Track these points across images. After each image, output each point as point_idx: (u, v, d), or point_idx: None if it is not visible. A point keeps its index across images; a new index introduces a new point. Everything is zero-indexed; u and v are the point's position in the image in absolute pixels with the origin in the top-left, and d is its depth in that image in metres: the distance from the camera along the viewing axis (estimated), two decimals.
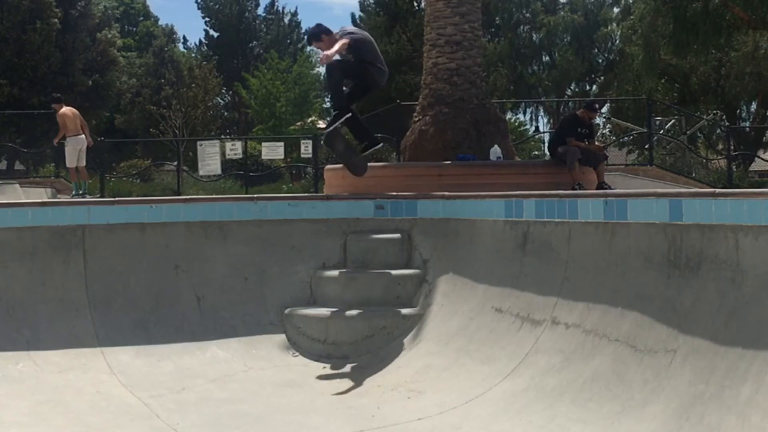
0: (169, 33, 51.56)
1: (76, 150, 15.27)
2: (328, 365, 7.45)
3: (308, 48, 51.48)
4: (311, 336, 7.77)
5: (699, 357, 5.04)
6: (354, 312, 7.78)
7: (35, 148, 27.06)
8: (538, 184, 9.04)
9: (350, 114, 8.07)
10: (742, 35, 26.81)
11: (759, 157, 25.13)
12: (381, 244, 8.40)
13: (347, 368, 7.33)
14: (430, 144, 10.87)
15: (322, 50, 7.85)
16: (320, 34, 7.89)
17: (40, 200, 10.67)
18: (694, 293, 5.36)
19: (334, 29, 8.36)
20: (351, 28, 8.49)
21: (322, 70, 51.97)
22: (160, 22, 55.63)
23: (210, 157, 20.14)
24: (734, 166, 20.98)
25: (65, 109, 15.29)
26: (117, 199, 9.50)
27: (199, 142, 20.98)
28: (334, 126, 8.14)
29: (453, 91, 11.03)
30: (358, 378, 7.04)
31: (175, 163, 24.67)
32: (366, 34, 8.29)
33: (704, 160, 25.33)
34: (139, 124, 39.59)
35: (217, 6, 53.71)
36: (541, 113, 44.29)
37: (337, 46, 7.81)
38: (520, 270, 7.10)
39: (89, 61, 32.40)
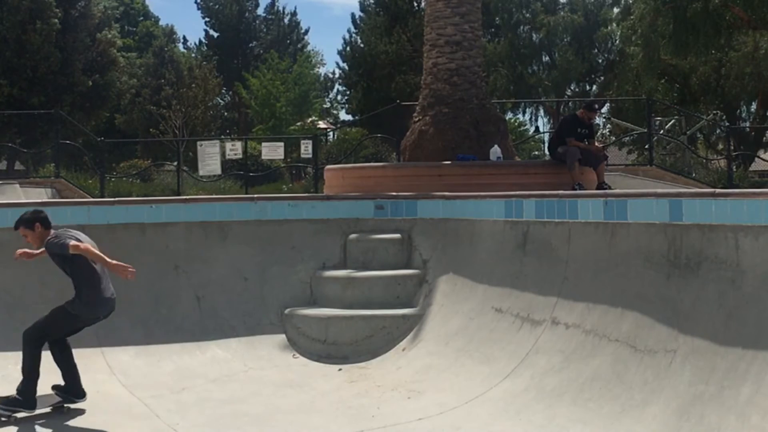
0: (169, 33, 51.52)
1: None
2: (328, 365, 7.45)
3: (307, 48, 51.56)
4: (311, 336, 7.77)
5: (699, 357, 5.04)
6: (354, 312, 7.78)
7: (35, 148, 27.06)
8: (538, 184, 9.04)
9: (35, 411, 5.90)
10: (742, 35, 26.80)
11: (759, 157, 25.08)
12: (381, 244, 8.41)
13: (347, 368, 7.33)
14: (430, 144, 10.87)
15: (30, 242, 6.22)
16: (34, 222, 6.06)
17: (39, 200, 10.67)
18: (694, 293, 5.36)
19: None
20: (71, 233, 6.17)
21: (321, 70, 51.98)
22: (160, 22, 55.66)
23: (210, 157, 20.09)
24: (734, 166, 20.94)
25: None
26: (117, 199, 9.51)
27: (199, 142, 20.94)
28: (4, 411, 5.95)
29: (453, 92, 11.03)
30: (358, 378, 7.04)
31: (175, 163, 24.64)
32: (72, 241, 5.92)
33: (704, 160, 25.28)
34: (139, 124, 39.54)
35: (217, 6, 53.69)
36: (541, 113, 44.23)
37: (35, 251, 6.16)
38: (520, 270, 7.10)
39: (89, 61, 32.35)
